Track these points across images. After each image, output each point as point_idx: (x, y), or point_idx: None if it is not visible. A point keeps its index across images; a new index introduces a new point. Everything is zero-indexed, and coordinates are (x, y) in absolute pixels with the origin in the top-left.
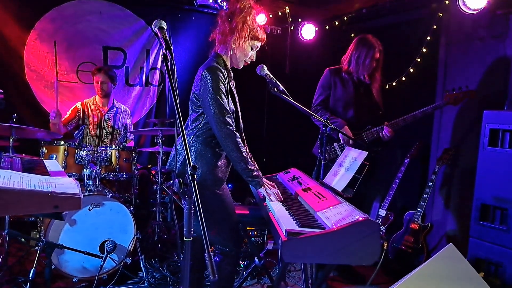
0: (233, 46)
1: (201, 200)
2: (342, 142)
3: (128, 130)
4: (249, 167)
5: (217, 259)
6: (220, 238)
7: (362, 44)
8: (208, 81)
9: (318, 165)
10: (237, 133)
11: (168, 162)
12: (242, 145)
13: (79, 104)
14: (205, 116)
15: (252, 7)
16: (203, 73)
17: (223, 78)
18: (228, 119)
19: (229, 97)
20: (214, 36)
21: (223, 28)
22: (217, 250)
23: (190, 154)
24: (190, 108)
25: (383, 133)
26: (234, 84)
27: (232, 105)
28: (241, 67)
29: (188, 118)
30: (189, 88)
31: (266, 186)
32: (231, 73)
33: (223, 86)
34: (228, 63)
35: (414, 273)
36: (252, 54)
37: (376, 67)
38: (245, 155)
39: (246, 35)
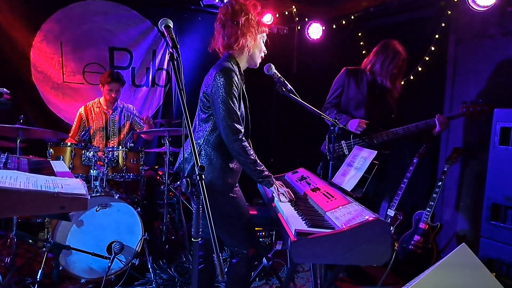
0: (249, 46)
1: (214, 205)
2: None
3: (137, 115)
4: (258, 168)
5: (234, 261)
6: (235, 241)
7: (391, 49)
8: (221, 83)
9: (324, 162)
10: (243, 138)
11: (177, 165)
12: (250, 147)
13: (81, 110)
14: (214, 118)
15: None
16: (216, 74)
17: (236, 80)
18: (236, 124)
19: (241, 101)
20: (217, 44)
21: (231, 31)
22: (233, 252)
23: (201, 158)
24: (199, 108)
25: (436, 121)
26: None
27: (243, 110)
28: (259, 63)
29: (196, 117)
30: (195, 89)
31: (276, 185)
32: (243, 75)
33: (236, 89)
34: (242, 65)
35: (428, 273)
36: (263, 46)
37: (398, 75)
38: (253, 157)
39: (255, 30)
